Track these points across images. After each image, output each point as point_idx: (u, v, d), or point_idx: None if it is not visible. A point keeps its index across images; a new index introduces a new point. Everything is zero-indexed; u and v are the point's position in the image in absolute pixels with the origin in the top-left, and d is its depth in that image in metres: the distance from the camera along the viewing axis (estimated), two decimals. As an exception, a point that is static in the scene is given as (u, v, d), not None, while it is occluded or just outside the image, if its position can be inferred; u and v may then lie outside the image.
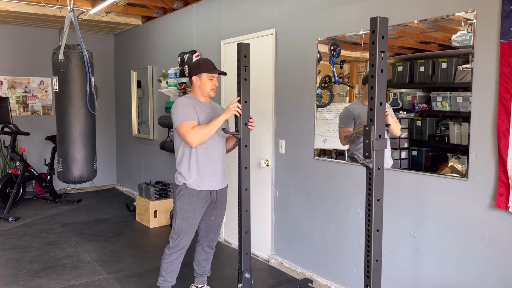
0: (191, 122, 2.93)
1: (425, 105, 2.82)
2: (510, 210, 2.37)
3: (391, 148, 3.00)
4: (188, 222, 3.04)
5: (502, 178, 2.40)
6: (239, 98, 2.90)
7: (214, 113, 3.10)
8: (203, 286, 3.44)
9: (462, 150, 2.62)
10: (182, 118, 2.93)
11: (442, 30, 2.69)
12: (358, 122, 3.19)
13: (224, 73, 3.17)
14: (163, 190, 5.55)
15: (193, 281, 3.47)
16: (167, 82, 5.45)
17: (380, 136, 1.99)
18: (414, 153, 2.92)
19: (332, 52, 3.40)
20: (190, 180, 3.02)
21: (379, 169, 2.02)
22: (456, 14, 2.58)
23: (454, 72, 2.64)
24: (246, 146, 2.98)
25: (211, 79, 3.03)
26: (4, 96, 6.34)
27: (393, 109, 3.00)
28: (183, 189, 3.03)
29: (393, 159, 3.01)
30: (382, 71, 1.95)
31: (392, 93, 3.00)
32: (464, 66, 2.57)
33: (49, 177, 6.57)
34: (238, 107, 2.91)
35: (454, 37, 2.60)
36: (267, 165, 4.12)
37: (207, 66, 3.03)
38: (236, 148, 3.08)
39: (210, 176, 3.07)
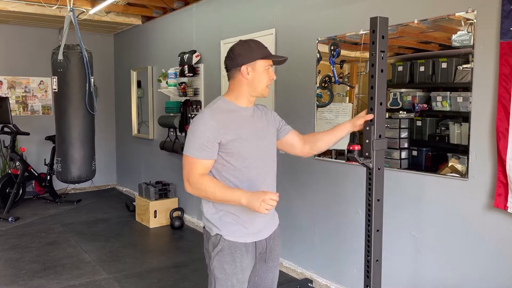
0: (202, 163, 1.94)
1: (425, 105, 2.82)
2: (508, 210, 2.37)
3: (390, 148, 3.00)
4: None
5: (500, 178, 2.40)
6: (277, 194, 1.90)
7: (262, 123, 2.10)
8: None
9: (462, 150, 2.62)
10: (194, 151, 1.93)
11: (442, 30, 2.69)
12: None
13: (284, 60, 2.09)
14: (163, 190, 5.55)
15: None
16: (167, 82, 5.45)
17: (380, 136, 1.98)
18: (414, 153, 2.92)
19: (332, 52, 3.40)
20: (224, 230, 1.99)
21: (379, 169, 2.01)
22: (456, 14, 2.58)
23: (454, 72, 2.63)
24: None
25: (268, 69, 2.02)
26: (4, 96, 6.34)
27: (393, 109, 3.00)
28: (220, 241, 1.99)
29: (393, 159, 3.00)
30: (382, 71, 1.95)
31: (392, 93, 3.00)
32: (464, 66, 2.57)
33: (49, 177, 6.56)
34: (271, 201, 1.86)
35: (454, 37, 2.60)
36: (267, 165, 4.11)
37: (264, 50, 2.02)
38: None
39: (258, 219, 2.04)
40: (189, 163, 1.96)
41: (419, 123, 2.87)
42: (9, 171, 6.13)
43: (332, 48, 3.40)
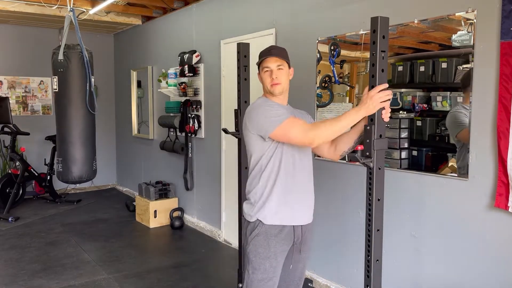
0: (296, 119, 2.13)
1: (425, 105, 2.82)
2: (509, 210, 2.37)
3: (390, 148, 3.00)
4: (267, 273, 2.18)
5: (501, 178, 2.40)
6: (385, 85, 1.95)
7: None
8: None
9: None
10: (280, 118, 2.10)
11: (442, 30, 2.69)
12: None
13: (269, 53, 2.27)
14: (163, 190, 5.55)
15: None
16: (167, 82, 5.46)
17: (380, 135, 1.98)
18: (414, 153, 2.92)
19: (332, 52, 3.40)
20: (266, 211, 2.17)
21: (379, 168, 2.01)
22: (456, 14, 2.58)
23: (454, 72, 2.64)
24: (246, 146, 2.97)
25: (267, 71, 2.25)
26: (4, 96, 6.34)
27: (393, 109, 2.99)
28: (258, 226, 2.18)
29: (393, 159, 3.00)
30: (382, 70, 1.95)
31: (392, 93, 2.99)
32: (464, 66, 2.57)
33: (49, 177, 6.56)
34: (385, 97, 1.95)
35: (454, 37, 2.60)
36: (267, 165, 4.12)
37: (260, 55, 2.29)
38: (237, 148, 3.07)
39: (297, 203, 2.22)
40: (289, 126, 2.08)
41: (419, 123, 2.88)
42: (9, 171, 6.14)
43: (332, 48, 3.40)
